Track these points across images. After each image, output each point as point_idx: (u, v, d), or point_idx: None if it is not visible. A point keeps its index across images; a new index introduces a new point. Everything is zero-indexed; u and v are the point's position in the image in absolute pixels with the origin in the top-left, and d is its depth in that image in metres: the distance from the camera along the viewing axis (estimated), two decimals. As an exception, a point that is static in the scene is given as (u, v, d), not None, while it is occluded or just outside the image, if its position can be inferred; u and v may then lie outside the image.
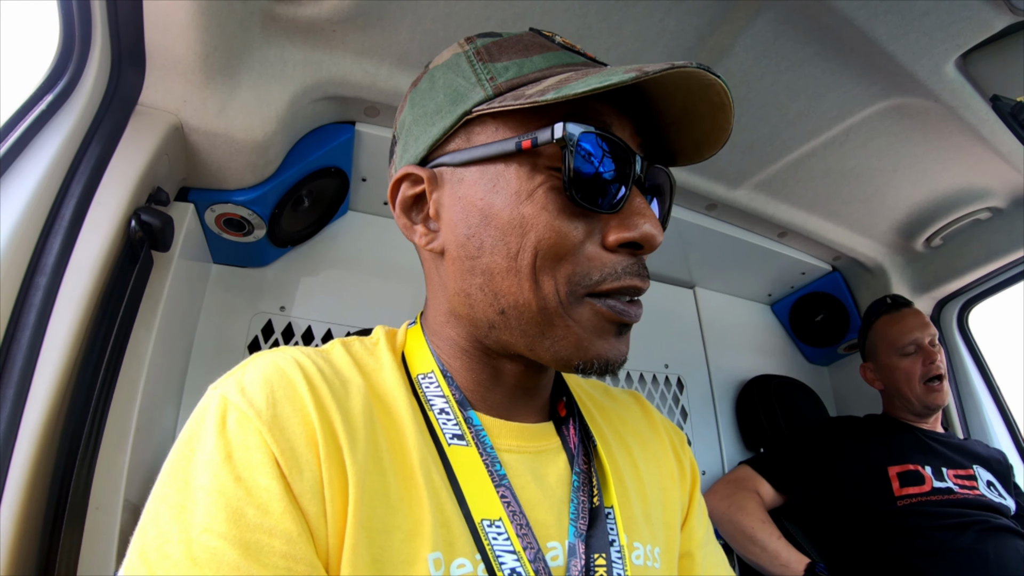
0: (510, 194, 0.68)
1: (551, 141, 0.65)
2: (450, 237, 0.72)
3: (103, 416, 1.06)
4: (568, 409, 0.84)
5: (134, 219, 1.13)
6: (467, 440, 0.71)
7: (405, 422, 0.69)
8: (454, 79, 0.73)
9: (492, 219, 0.68)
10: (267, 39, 1.29)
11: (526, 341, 0.70)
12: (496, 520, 0.66)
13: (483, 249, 0.69)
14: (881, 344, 2.16)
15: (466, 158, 0.71)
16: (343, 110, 1.54)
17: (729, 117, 0.69)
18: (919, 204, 2.12)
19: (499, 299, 0.69)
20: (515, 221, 0.67)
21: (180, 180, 1.37)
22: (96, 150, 1.12)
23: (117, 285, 1.10)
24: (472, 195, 0.70)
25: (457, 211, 0.71)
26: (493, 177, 0.69)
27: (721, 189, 1.98)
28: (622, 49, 1.43)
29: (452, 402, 0.74)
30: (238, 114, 1.28)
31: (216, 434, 0.59)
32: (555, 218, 0.66)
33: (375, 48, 1.39)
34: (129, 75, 1.19)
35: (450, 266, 0.73)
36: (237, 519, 0.54)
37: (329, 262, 1.78)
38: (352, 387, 0.68)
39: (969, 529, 1.72)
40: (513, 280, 0.68)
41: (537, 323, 0.69)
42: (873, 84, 1.57)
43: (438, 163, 0.73)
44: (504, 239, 0.68)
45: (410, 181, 0.75)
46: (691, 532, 0.90)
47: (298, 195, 1.57)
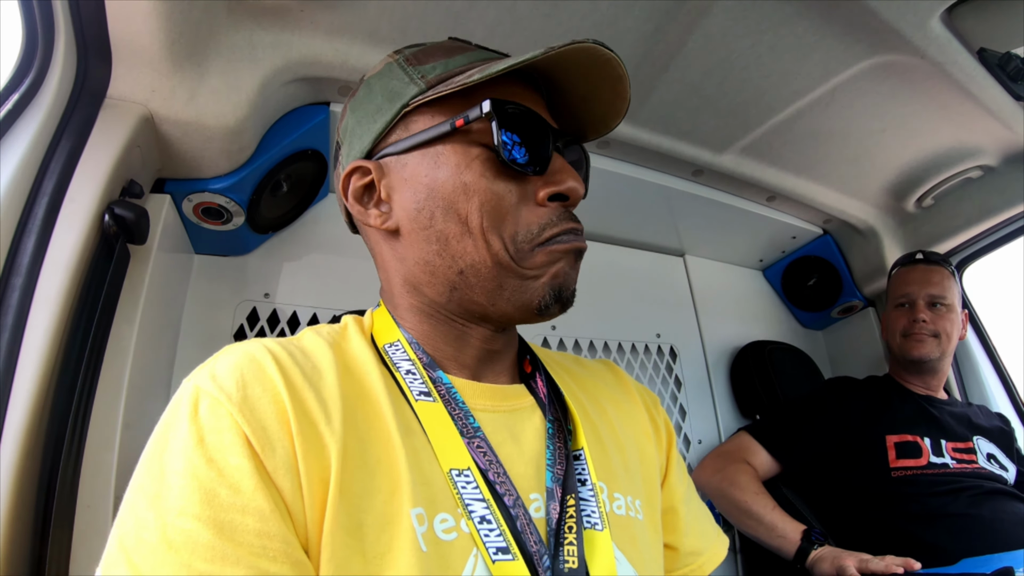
0: (451, 167, 0.77)
1: (480, 117, 0.75)
2: (402, 214, 0.80)
3: (86, 414, 1.08)
4: (533, 365, 0.91)
5: (107, 213, 1.14)
6: (433, 396, 0.76)
7: (376, 388, 0.73)
8: (389, 82, 0.83)
9: (438, 191, 0.77)
10: (234, 23, 1.29)
11: (487, 297, 0.78)
12: (464, 469, 0.70)
13: (435, 218, 0.77)
14: (888, 295, 2.20)
15: (408, 145, 0.79)
16: (316, 91, 1.54)
17: (626, 87, 0.81)
18: (909, 164, 2.13)
19: (456, 260, 0.77)
20: (459, 189, 0.76)
21: (155, 171, 1.37)
22: (66, 146, 1.13)
23: (94, 281, 1.11)
24: (417, 175, 0.79)
25: (406, 191, 0.79)
26: (434, 157, 0.78)
27: (707, 154, 1.99)
28: (597, 16, 1.43)
29: (418, 364, 0.79)
30: (208, 101, 1.29)
31: (189, 421, 0.61)
32: (492, 183, 0.76)
33: (345, 26, 1.39)
34: (96, 68, 1.19)
35: (406, 239, 0.81)
36: (210, 500, 0.57)
37: (312, 246, 1.80)
38: (324, 365, 0.72)
39: (963, 494, 1.74)
40: (468, 241, 0.76)
41: (494, 277, 0.77)
42: (857, 42, 1.56)
43: (383, 154, 0.82)
44: (453, 206, 0.76)
45: (359, 173, 0.83)
46: (672, 488, 0.96)
47: (276, 180, 1.57)
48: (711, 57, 1.59)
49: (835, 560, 1.58)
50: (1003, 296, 2.72)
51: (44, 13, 1.11)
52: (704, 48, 1.55)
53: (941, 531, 1.69)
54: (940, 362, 2.06)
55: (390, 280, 0.86)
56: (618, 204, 2.16)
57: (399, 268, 0.83)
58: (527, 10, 1.40)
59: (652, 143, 1.88)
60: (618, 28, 1.48)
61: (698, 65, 1.61)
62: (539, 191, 0.78)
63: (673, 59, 1.57)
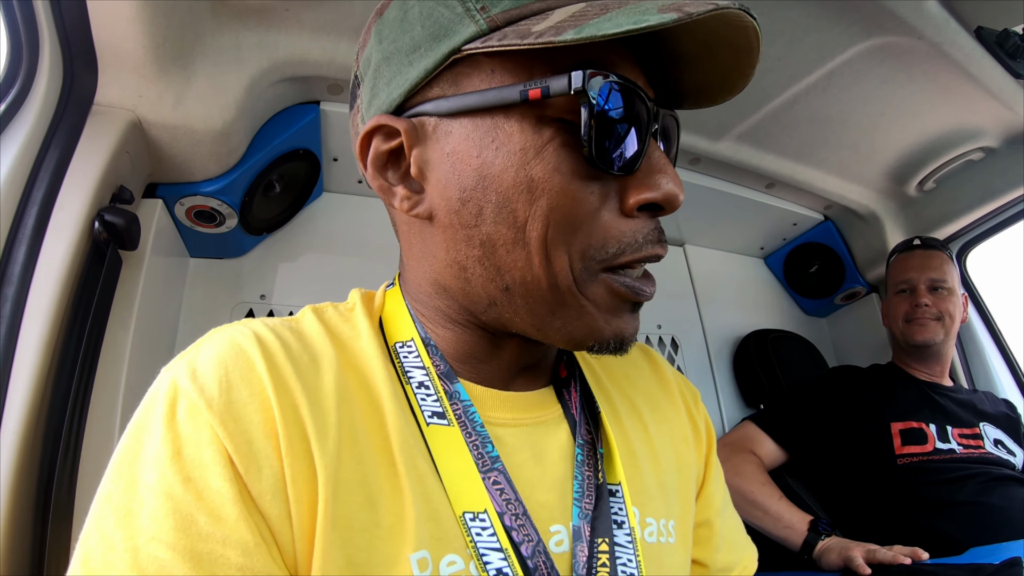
0: (514, 152, 0.59)
1: (567, 92, 0.56)
2: (440, 202, 0.64)
3: (81, 421, 1.09)
4: (569, 369, 0.78)
5: (97, 220, 1.15)
6: (448, 419, 0.64)
7: (384, 398, 0.62)
8: (435, 8, 0.62)
9: (492, 181, 0.60)
10: (219, 25, 1.29)
11: (533, 320, 0.64)
12: (480, 513, 0.59)
13: (483, 217, 0.61)
14: (888, 282, 2.20)
15: (455, 107, 0.61)
16: (305, 90, 1.55)
17: (754, 60, 0.61)
18: (909, 147, 2.12)
19: (503, 275, 0.62)
20: (521, 184, 0.59)
21: (146, 176, 1.38)
22: (55, 155, 1.13)
23: (86, 289, 1.12)
24: (465, 151, 0.61)
25: (447, 170, 0.63)
26: (490, 130, 0.60)
27: (703, 142, 1.98)
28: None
29: (433, 374, 0.66)
30: (196, 104, 1.29)
31: (164, 426, 0.53)
32: (570, 181, 0.59)
33: (331, 24, 1.39)
34: (82, 76, 1.19)
35: (440, 234, 0.65)
36: (187, 527, 0.50)
37: (307, 246, 1.80)
38: (323, 361, 0.62)
39: (971, 481, 1.74)
40: (520, 254, 0.60)
41: (547, 302, 0.62)
42: (852, 24, 1.55)
43: (418, 112, 0.64)
44: (509, 206, 0.60)
45: (383, 134, 0.66)
46: (708, 499, 0.85)
47: (268, 180, 1.58)
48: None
49: (842, 551, 1.58)
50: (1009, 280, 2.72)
51: (27, 22, 1.11)
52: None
53: (949, 519, 1.69)
54: (944, 346, 2.06)
55: (414, 270, 0.71)
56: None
57: (428, 264, 0.69)
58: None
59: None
60: None
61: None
62: (628, 196, 0.61)
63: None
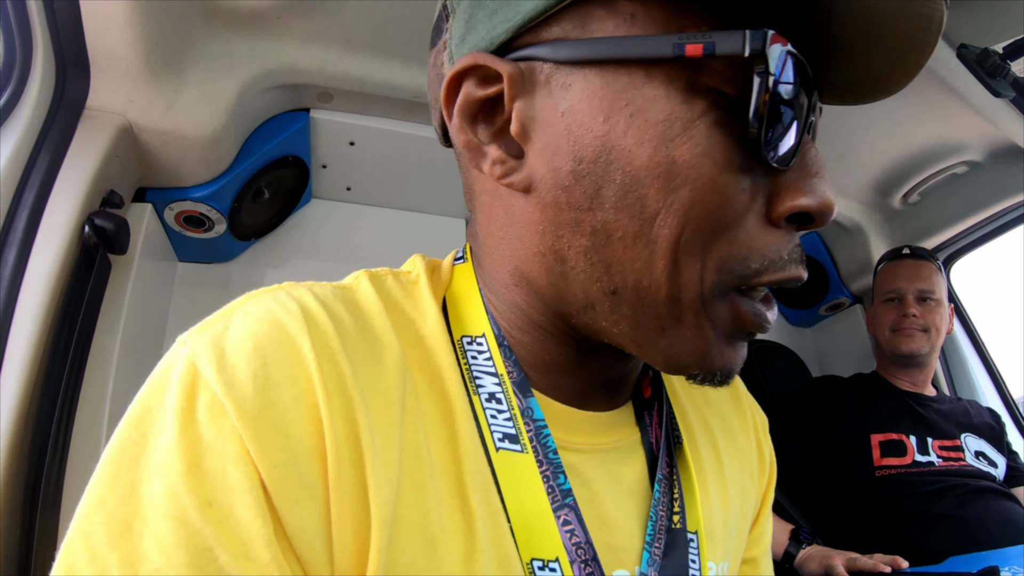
0: (654, 123, 0.46)
1: (740, 54, 0.43)
2: (544, 171, 0.49)
3: (69, 421, 1.10)
4: (654, 388, 0.65)
5: (87, 224, 1.16)
6: (522, 443, 0.51)
7: (456, 409, 0.51)
8: None
9: (619, 156, 0.46)
10: (210, 32, 1.31)
11: (635, 334, 0.51)
12: (551, 561, 0.49)
13: (600, 199, 0.47)
14: (875, 290, 2.21)
15: (581, 54, 0.47)
16: (295, 98, 1.57)
17: (925, 57, 0.48)
18: (894, 161, 2.14)
19: (612, 274, 0.49)
20: (659, 167, 0.45)
21: (136, 181, 1.40)
22: (46, 159, 1.15)
23: (75, 292, 1.13)
24: (587, 113, 0.47)
25: (559, 133, 0.48)
26: (624, 90, 0.46)
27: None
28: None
29: (507, 385, 0.53)
30: (186, 110, 1.31)
31: (178, 424, 0.41)
32: (721, 171, 0.45)
33: (321, 33, 1.41)
34: (74, 80, 1.21)
35: (537, 213, 0.51)
36: (204, 564, 0.39)
37: (295, 252, 1.82)
38: (385, 353, 0.49)
39: (948, 494, 1.75)
40: (641, 252, 0.47)
41: (659, 315, 0.49)
42: (838, 39, 1.58)
43: (528, 55, 0.49)
44: (637, 191, 0.46)
45: (478, 78, 0.51)
46: (759, 537, 0.76)
47: (257, 186, 1.60)
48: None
49: (823, 559, 1.59)
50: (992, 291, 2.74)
51: (21, 26, 1.13)
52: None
53: (926, 532, 1.70)
54: (928, 356, 2.07)
55: (493, 252, 0.57)
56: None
57: (511, 248, 0.54)
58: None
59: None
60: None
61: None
62: (780, 199, 0.47)
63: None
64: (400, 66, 1.52)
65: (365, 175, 1.84)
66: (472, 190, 0.59)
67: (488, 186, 0.55)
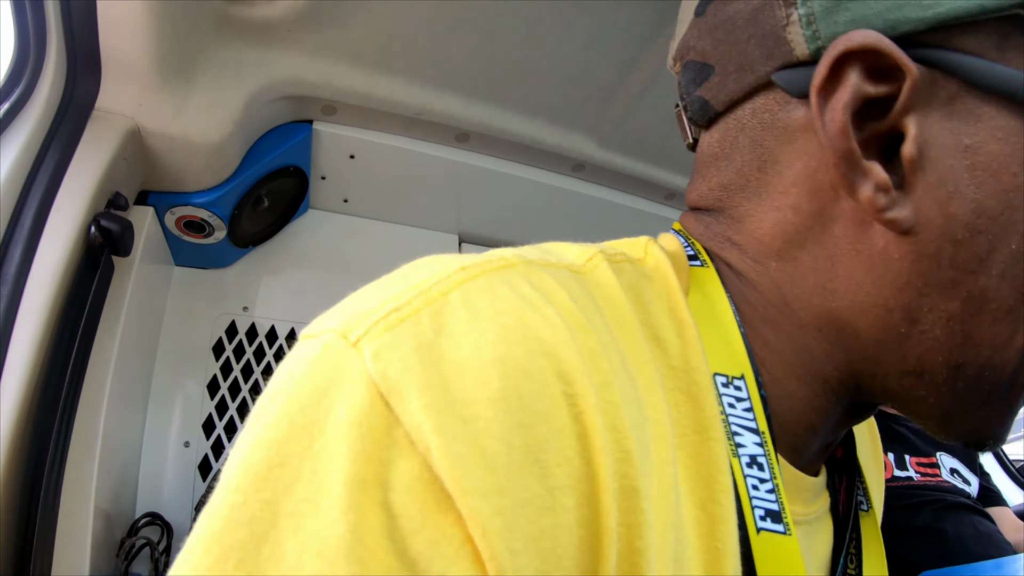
0: None
1: None
2: (933, 215, 0.40)
3: (69, 424, 1.10)
4: (846, 447, 0.58)
5: (93, 225, 1.17)
6: (785, 523, 0.41)
7: (715, 470, 0.40)
8: None
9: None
10: (221, 41, 1.33)
11: (950, 408, 0.44)
12: None
13: (989, 264, 0.39)
14: None
15: (1004, 82, 0.38)
16: (300, 109, 1.59)
17: None
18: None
19: (966, 347, 0.41)
20: None
21: (139, 183, 1.40)
22: (54, 157, 1.16)
23: (79, 293, 1.13)
24: (1000, 157, 0.39)
25: (960, 172, 0.39)
26: None
27: (679, 179, 2.05)
28: (575, 44, 1.50)
29: (769, 446, 0.43)
30: (194, 117, 1.32)
31: (349, 506, 0.27)
32: None
33: (330, 47, 1.43)
34: (85, 81, 1.22)
35: (907, 263, 0.41)
36: None
37: (291, 261, 1.83)
38: (648, 387, 0.39)
39: (927, 507, 1.80)
40: (1007, 328, 0.41)
41: (990, 392, 0.43)
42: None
43: (938, 60, 0.39)
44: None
45: (867, 66, 0.39)
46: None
47: (257, 195, 1.61)
48: (685, 85, 1.64)
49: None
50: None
51: (37, 25, 1.14)
52: (678, 76, 1.60)
53: (903, 544, 1.74)
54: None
55: (797, 282, 0.45)
56: (592, 226, 2.21)
57: (841, 291, 0.44)
58: (507, 36, 1.46)
59: (626, 167, 1.94)
60: (596, 56, 1.54)
61: (673, 93, 1.65)
62: None
63: (649, 86, 1.63)
64: (403, 83, 1.55)
65: (363, 188, 1.86)
66: (784, 189, 0.46)
67: (844, 209, 0.43)
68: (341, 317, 0.33)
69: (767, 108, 0.45)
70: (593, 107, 1.72)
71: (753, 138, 0.46)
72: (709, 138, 0.51)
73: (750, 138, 0.47)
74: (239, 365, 1.66)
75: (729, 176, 0.49)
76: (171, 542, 1.37)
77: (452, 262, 0.36)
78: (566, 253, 0.44)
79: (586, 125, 1.78)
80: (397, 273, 0.37)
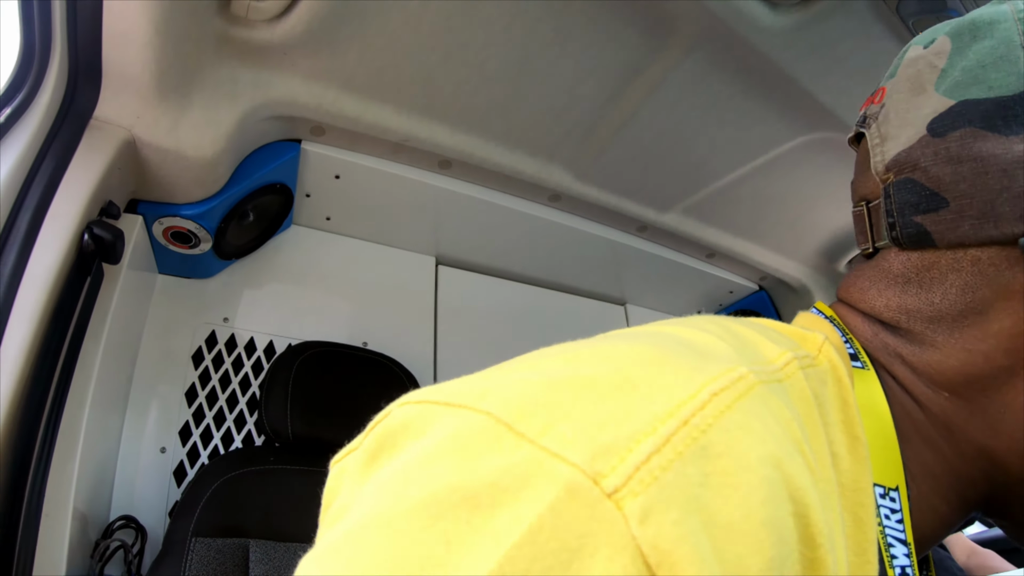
0: None
1: None
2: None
3: (55, 426, 1.12)
4: None
5: (87, 232, 1.20)
6: None
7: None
8: None
9: None
10: (220, 59, 1.38)
11: None
12: None
13: None
14: None
15: None
16: (290, 128, 1.64)
17: None
18: (841, 229, 2.29)
19: None
20: None
21: (130, 192, 1.44)
22: (51, 164, 1.19)
23: (69, 298, 1.16)
24: None
25: None
26: None
27: (651, 213, 2.13)
28: (559, 80, 1.57)
29: (913, 555, 0.43)
30: (189, 131, 1.36)
31: None
32: None
33: (323, 72, 1.48)
34: (85, 90, 1.25)
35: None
36: None
37: (272, 275, 1.87)
38: (829, 491, 0.38)
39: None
40: None
41: None
42: (797, 119, 1.72)
43: None
44: None
45: None
46: None
47: (244, 209, 1.65)
48: (661, 125, 1.73)
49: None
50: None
51: (43, 32, 1.17)
52: (656, 116, 1.70)
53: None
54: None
55: (976, 412, 0.47)
56: (565, 254, 2.29)
57: (1000, 432, 0.46)
58: (494, 71, 1.53)
59: (601, 200, 2.01)
60: (577, 94, 1.62)
61: (648, 131, 1.76)
62: None
63: (626, 125, 1.71)
64: (392, 110, 1.61)
65: (346, 207, 1.91)
66: (982, 337, 0.46)
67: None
68: (569, 437, 0.27)
69: (994, 263, 0.45)
70: (572, 141, 1.79)
71: (967, 283, 0.46)
72: (903, 258, 0.50)
73: (963, 282, 0.46)
74: (217, 374, 1.69)
75: (918, 304, 0.49)
76: (144, 545, 1.39)
77: (692, 375, 0.31)
78: (763, 349, 0.42)
79: (564, 158, 1.86)
80: (615, 372, 0.31)
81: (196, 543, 1.24)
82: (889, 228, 0.50)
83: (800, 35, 1.41)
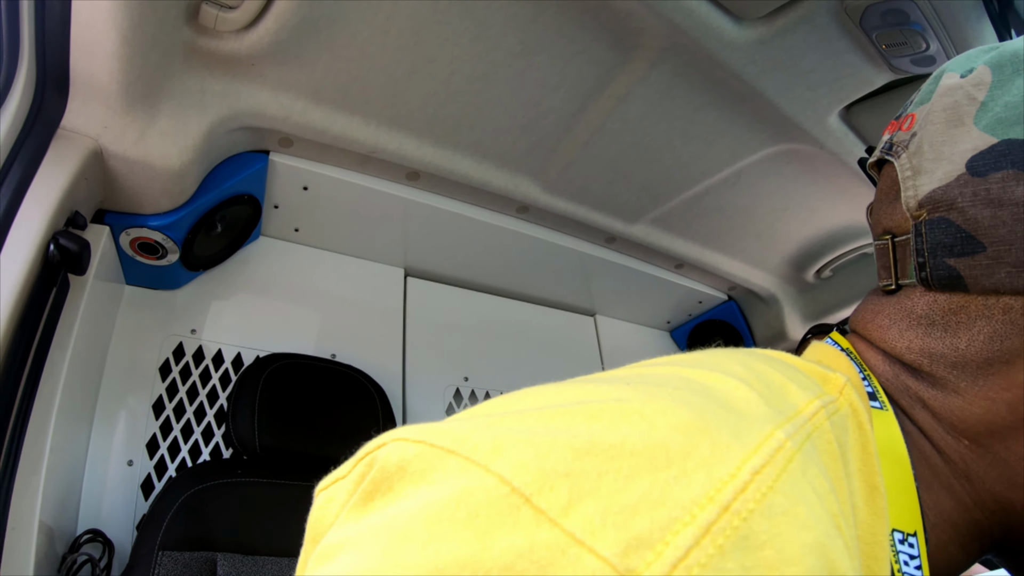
0: None
1: None
2: None
3: (20, 438, 1.12)
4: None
5: (52, 243, 1.21)
6: None
7: None
8: None
9: None
10: (188, 69, 1.39)
11: None
12: None
13: None
14: None
15: None
16: (258, 139, 1.66)
17: None
18: (809, 239, 2.35)
19: None
20: None
21: (97, 202, 1.45)
22: (17, 173, 1.19)
23: (34, 308, 1.17)
24: None
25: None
26: None
27: (619, 224, 2.17)
28: (525, 95, 1.61)
29: None
30: (156, 142, 1.38)
31: None
32: None
33: (291, 83, 1.50)
34: (52, 99, 1.26)
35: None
36: None
37: (240, 286, 1.88)
38: None
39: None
40: None
41: None
42: (762, 131, 1.76)
43: None
44: None
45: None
46: None
47: (211, 220, 1.66)
48: (628, 137, 1.77)
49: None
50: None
51: (10, 41, 1.18)
52: (622, 129, 1.74)
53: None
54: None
55: (985, 467, 0.48)
56: (534, 266, 2.32)
57: (1020, 484, 0.47)
58: (461, 84, 1.56)
59: (569, 211, 2.05)
60: (544, 107, 1.66)
61: (615, 144, 1.79)
62: None
63: (593, 137, 1.75)
64: (360, 122, 1.63)
65: (314, 219, 1.93)
66: (1007, 387, 0.46)
67: None
68: (598, 522, 0.25)
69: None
70: (540, 154, 1.83)
71: (996, 331, 0.46)
72: (929, 299, 0.49)
73: (993, 330, 0.46)
74: (185, 386, 1.69)
75: (942, 348, 0.48)
76: (112, 559, 1.39)
77: (730, 447, 0.29)
78: (791, 396, 0.40)
79: (532, 170, 1.90)
80: (645, 438, 0.28)
81: (163, 556, 1.24)
82: (918, 268, 0.49)
83: (765, 48, 1.45)
